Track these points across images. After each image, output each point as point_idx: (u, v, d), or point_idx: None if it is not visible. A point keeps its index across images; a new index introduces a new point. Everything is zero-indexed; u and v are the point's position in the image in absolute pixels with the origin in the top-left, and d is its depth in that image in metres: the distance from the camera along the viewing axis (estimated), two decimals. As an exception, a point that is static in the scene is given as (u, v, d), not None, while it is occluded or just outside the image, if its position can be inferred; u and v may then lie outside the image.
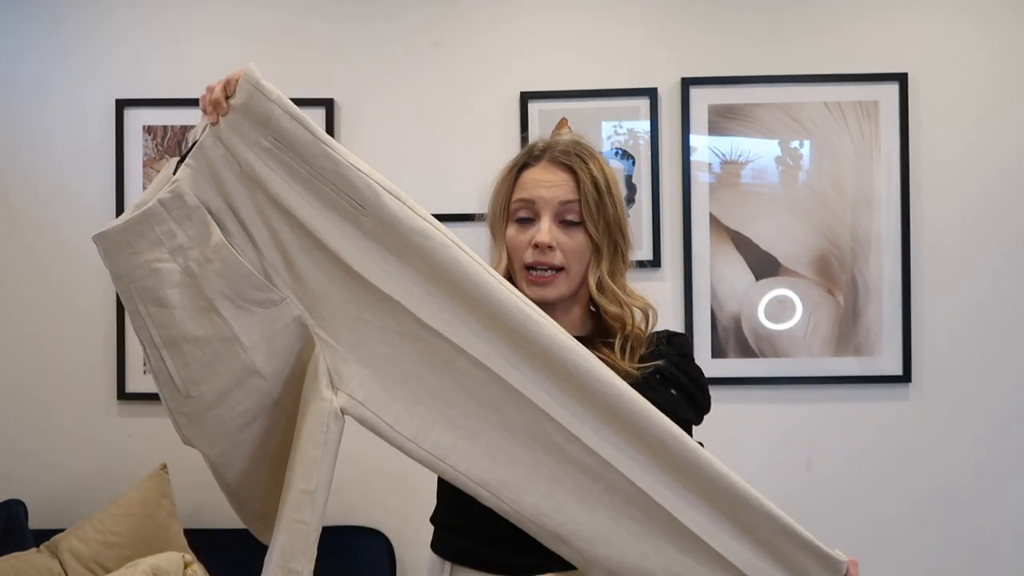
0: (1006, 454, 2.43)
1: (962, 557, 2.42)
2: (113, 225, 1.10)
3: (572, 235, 1.31)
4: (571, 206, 1.31)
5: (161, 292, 1.10)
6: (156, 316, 1.11)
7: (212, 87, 1.12)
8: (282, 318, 1.13)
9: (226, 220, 1.11)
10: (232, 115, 1.10)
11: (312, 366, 1.13)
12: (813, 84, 2.45)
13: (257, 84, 1.11)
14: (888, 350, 2.43)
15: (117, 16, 2.54)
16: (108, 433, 2.52)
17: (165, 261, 1.10)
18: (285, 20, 2.54)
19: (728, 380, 2.44)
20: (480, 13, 2.52)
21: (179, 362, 1.12)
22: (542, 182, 1.32)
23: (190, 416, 1.17)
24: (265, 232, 1.12)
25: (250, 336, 1.12)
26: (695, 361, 1.40)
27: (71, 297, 2.53)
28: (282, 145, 1.10)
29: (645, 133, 2.47)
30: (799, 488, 2.44)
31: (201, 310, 1.11)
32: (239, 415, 1.17)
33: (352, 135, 2.52)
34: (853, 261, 2.44)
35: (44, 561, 2.09)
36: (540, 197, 1.31)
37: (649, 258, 2.45)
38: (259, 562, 1.23)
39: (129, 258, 1.10)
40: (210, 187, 1.11)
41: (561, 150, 1.34)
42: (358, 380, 1.12)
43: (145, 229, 1.09)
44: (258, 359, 1.13)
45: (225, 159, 1.10)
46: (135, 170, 2.52)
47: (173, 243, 1.09)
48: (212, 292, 1.10)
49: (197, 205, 1.10)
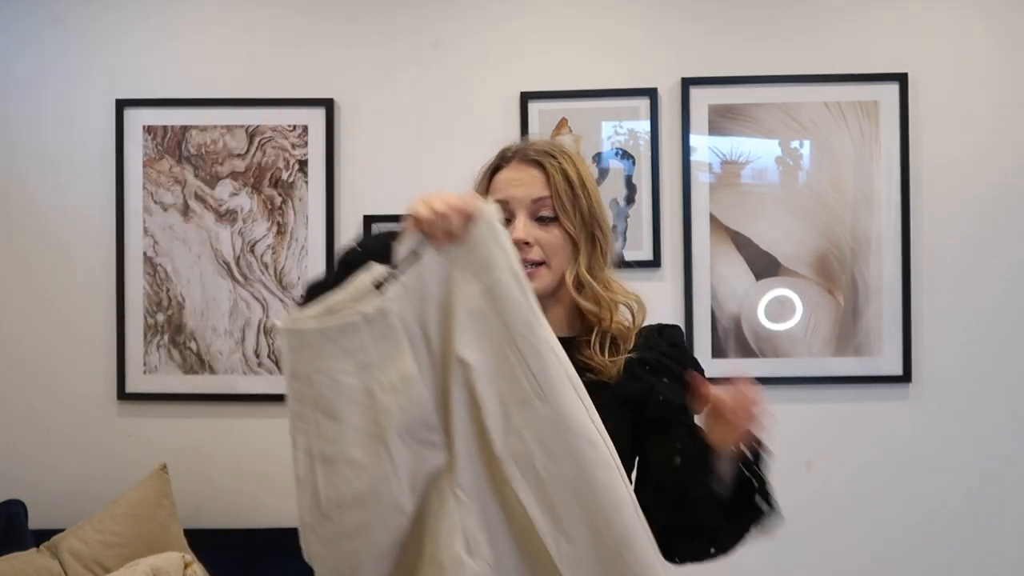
0: (1006, 453, 2.43)
1: (962, 556, 2.42)
2: (307, 325, 1.06)
3: (548, 230, 1.30)
4: (544, 202, 1.30)
5: (336, 405, 1.06)
6: (323, 427, 1.07)
7: (437, 206, 1.07)
8: (431, 461, 1.08)
9: (418, 349, 1.07)
10: (461, 247, 1.07)
11: (444, 521, 1.08)
12: (813, 84, 2.45)
13: (494, 227, 1.07)
14: (888, 350, 2.43)
15: (117, 16, 2.54)
16: (108, 433, 2.52)
17: (350, 375, 1.05)
18: (285, 20, 2.54)
19: (728, 380, 2.43)
20: (480, 13, 2.52)
21: (330, 480, 1.07)
22: (513, 181, 1.32)
23: (322, 538, 1.10)
24: (438, 370, 1.08)
25: (404, 473, 1.07)
26: (688, 351, 1.39)
27: (71, 297, 2.53)
28: (492, 296, 1.06)
29: (645, 133, 2.47)
30: (799, 488, 2.43)
31: (371, 436, 1.05)
32: (373, 550, 1.10)
33: (352, 135, 2.52)
34: (853, 261, 2.44)
35: (44, 561, 2.09)
36: (512, 197, 1.30)
37: (649, 258, 2.45)
38: (259, 562, 1.23)
39: (313, 361, 1.06)
40: (413, 311, 1.06)
41: (532, 149, 1.34)
42: (490, 550, 1.07)
43: (339, 336, 1.05)
44: (404, 498, 1.08)
45: (436, 287, 1.06)
46: (135, 170, 2.52)
47: (362, 359, 1.05)
48: (387, 422, 1.05)
49: (398, 329, 1.05)
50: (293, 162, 2.51)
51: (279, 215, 2.51)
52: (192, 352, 2.51)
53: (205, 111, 2.51)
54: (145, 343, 2.51)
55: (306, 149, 2.51)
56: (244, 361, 2.50)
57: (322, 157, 2.50)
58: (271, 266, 2.51)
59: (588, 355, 1.29)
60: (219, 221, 2.51)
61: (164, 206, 2.52)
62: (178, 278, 2.52)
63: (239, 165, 2.51)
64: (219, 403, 2.51)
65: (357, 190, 2.51)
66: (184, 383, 2.51)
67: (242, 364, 2.50)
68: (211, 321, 2.51)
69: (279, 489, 2.51)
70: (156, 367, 2.51)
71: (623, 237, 2.46)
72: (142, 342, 2.51)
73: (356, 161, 2.52)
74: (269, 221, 2.51)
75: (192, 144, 2.52)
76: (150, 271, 2.52)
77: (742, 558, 2.64)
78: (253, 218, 2.51)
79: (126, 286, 2.51)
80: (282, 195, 2.51)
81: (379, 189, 2.50)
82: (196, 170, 2.52)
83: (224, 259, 2.51)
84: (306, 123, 2.51)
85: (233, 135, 2.51)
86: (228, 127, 2.51)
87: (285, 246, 2.51)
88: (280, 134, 2.51)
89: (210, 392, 2.50)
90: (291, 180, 2.51)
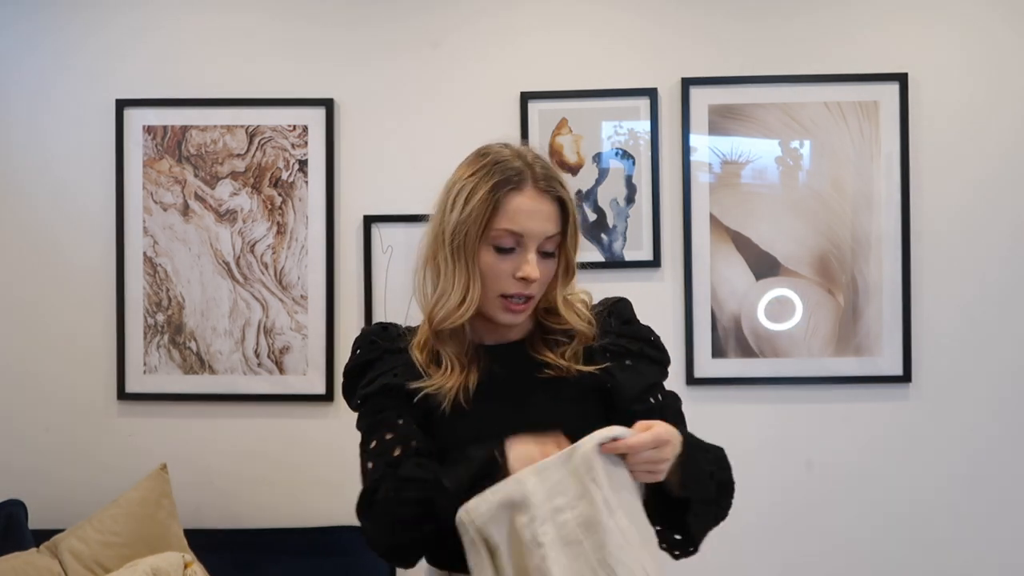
0: (1005, 453, 2.43)
1: (962, 556, 2.42)
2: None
3: (547, 265, 1.31)
4: (553, 239, 1.31)
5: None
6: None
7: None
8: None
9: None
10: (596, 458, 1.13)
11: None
12: (813, 84, 2.45)
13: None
14: (888, 350, 2.43)
15: (117, 16, 2.54)
16: (108, 433, 2.52)
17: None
18: (285, 20, 2.54)
19: (728, 380, 2.44)
20: (480, 13, 2.52)
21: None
22: (533, 214, 1.27)
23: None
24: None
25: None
26: (640, 322, 1.40)
27: (71, 297, 2.53)
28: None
29: (645, 133, 2.47)
30: (799, 488, 2.44)
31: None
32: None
33: (352, 135, 2.52)
34: (853, 261, 2.44)
35: (44, 561, 2.09)
36: (530, 231, 1.27)
37: (649, 258, 2.45)
38: (259, 562, 1.23)
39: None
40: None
41: (542, 176, 1.30)
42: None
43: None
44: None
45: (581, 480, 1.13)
46: (135, 170, 2.52)
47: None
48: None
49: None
50: (293, 162, 2.51)
51: (279, 215, 2.51)
52: (192, 352, 2.51)
53: (205, 111, 2.51)
54: (145, 343, 2.51)
55: (306, 149, 2.51)
56: (244, 361, 2.50)
57: (322, 157, 2.50)
58: (271, 266, 2.51)
59: (545, 354, 1.32)
60: (219, 221, 2.51)
61: (164, 206, 2.52)
62: (178, 278, 2.52)
63: (239, 165, 2.51)
64: (219, 403, 2.51)
65: (357, 190, 2.51)
66: (184, 383, 2.51)
67: (242, 364, 2.50)
68: (211, 321, 2.51)
69: (279, 489, 2.52)
70: (156, 367, 2.51)
71: (623, 237, 2.46)
72: (142, 342, 2.51)
73: (356, 161, 2.52)
74: (269, 221, 2.51)
75: (192, 144, 2.52)
76: (150, 271, 2.52)
77: (742, 557, 2.65)
78: (253, 218, 2.51)
79: (126, 286, 2.51)
80: (282, 195, 2.51)
81: (379, 189, 2.50)
82: (196, 170, 2.52)
83: (224, 259, 2.51)
84: (306, 123, 2.51)
85: (233, 135, 2.51)
86: (228, 127, 2.51)
87: (285, 246, 2.51)
88: (280, 134, 2.51)
89: (210, 392, 2.50)
90: (291, 180, 2.51)
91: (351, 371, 1.37)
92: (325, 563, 2.33)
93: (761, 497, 2.38)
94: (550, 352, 1.32)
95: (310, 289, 2.50)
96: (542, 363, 1.31)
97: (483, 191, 1.27)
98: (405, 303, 2.47)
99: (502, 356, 1.34)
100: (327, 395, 2.48)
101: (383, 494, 1.18)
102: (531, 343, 1.34)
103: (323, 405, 2.49)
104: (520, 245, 1.28)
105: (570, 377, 1.30)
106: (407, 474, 1.18)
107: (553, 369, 1.30)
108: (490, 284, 1.29)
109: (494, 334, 1.36)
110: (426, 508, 1.15)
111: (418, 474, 1.17)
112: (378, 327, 1.40)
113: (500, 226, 1.27)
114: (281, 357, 2.50)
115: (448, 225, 1.29)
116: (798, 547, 2.43)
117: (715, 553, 1.37)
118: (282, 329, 2.50)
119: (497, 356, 1.34)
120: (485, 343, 1.35)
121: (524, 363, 1.33)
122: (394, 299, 2.48)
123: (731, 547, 2.39)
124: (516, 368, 1.32)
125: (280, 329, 2.50)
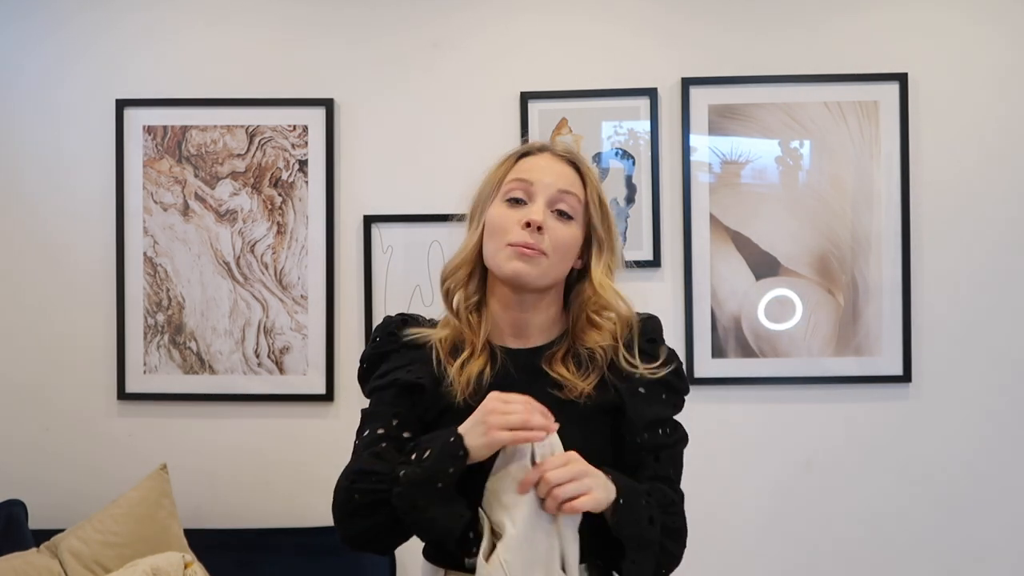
0: (1005, 454, 2.43)
1: (962, 556, 2.42)
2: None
3: (562, 228, 1.27)
4: (568, 197, 1.28)
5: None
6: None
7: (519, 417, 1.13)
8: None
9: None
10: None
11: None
12: (813, 84, 2.45)
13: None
14: (888, 350, 2.43)
15: (117, 16, 2.54)
16: (108, 433, 2.52)
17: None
18: (285, 19, 2.54)
19: (728, 380, 2.44)
20: (480, 13, 2.52)
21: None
22: (543, 168, 1.30)
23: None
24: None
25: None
26: (664, 343, 1.34)
27: (71, 297, 2.53)
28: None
29: (645, 133, 2.47)
30: (799, 488, 2.44)
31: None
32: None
33: (352, 135, 2.52)
34: (853, 261, 2.44)
35: (44, 561, 2.09)
36: (539, 180, 1.27)
37: (649, 258, 2.45)
38: (259, 562, 1.24)
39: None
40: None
41: (562, 148, 1.34)
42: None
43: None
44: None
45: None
46: (135, 170, 2.52)
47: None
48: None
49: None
50: (293, 162, 2.51)
51: (279, 215, 2.51)
52: (192, 352, 2.51)
53: (205, 111, 2.51)
54: (145, 343, 2.51)
55: (306, 149, 2.51)
56: (244, 361, 2.50)
57: (322, 157, 2.50)
58: (271, 266, 2.51)
59: (559, 371, 1.27)
60: (219, 221, 2.51)
61: (164, 206, 2.52)
62: (178, 278, 2.52)
63: (239, 165, 2.51)
64: (219, 403, 2.51)
65: (357, 190, 2.51)
66: (184, 383, 2.51)
67: (242, 364, 2.50)
68: (211, 321, 2.51)
69: (279, 489, 2.52)
70: (156, 367, 2.51)
71: (623, 237, 2.46)
72: (142, 342, 2.51)
73: (356, 161, 2.52)
74: (269, 221, 2.51)
75: (192, 144, 2.52)
76: (150, 271, 2.52)
77: (742, 557, 2.65)
78: (253, 218, 2.51)
79: (126, 286, 2.51)
80: (282, 195, 2.51)
81: (379, 189, 2.50)
82: (196, 170, 2.52)
83: (224, 259, 2.51)
84: (306, 123, 2.51)
85: (233, 135, 2.51)
86: (228, 127, 2.51)
87: (285, 246, 2.51)
88: (280, 134, 2.51)
89: (210, 392, 2.50)
90: (291, 180, 2.51)
91: (367, 359, 1.37)
92: (325, 563, 2.33)
93: (761, 497, 2.38)
94: (566, 370, 1.27)
95: (310, 289, 2.50)
96: (554, 381, 1.26)
97: (503, 160, 1.35)
98: (405, 303, 2.48)
99: (519, 360, 1.30)
100: (327, 395, 2.48)
101: (339, 484, 1.22)
102: (549, 355, 1.30)
103: (323, 405, 2.49)
104: (530, 197, 1.28)
105: (577, 400, 1.25)
106: (362, 467, 1.20)
107: (562, 390, 1.25)
108: (499, 235, 1.27)
109: (516, 339, 1.33)
110: (377, 498, 1.17)
111: (374, 467, 1.19)
112: (399, 318, 1.39)
113: (512, 177, 1.30)
114: (281, 357, 2.50)
115: (474, 197, 1.35)
116: (798, 547, 2.43)
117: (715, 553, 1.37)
118: (282, 329, 2.50)
119: (514, 360, 1.30)
120: (506, 346, 1.32)
121: (538, 374, 1.28)
122: (394, 299, 2.48)
123: (731, 546, 2.39)
124: (530, 376, 1.28)
125: (280, 329, 2.50)
